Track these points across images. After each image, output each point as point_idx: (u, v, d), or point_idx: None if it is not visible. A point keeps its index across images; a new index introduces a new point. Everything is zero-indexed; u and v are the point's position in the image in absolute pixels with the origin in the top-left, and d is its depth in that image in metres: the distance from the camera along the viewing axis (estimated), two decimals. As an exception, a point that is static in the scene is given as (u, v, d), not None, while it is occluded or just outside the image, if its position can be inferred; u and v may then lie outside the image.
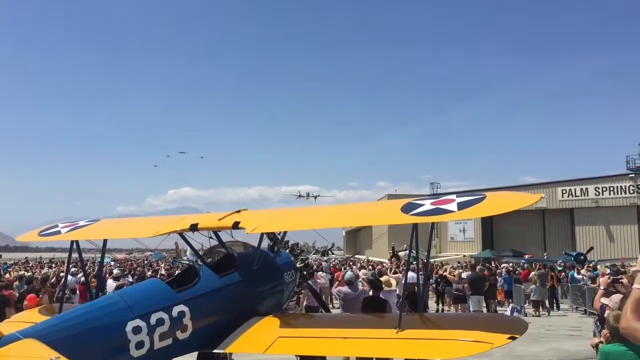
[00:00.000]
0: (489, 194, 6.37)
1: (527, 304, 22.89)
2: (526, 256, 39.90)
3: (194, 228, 7.70)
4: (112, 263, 34.41)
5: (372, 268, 24.09)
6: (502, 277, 23.95)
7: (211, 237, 8.41)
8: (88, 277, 12.63)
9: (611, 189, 49.28)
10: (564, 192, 51.31)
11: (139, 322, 6.07)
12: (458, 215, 6.27)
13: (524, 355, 13.03)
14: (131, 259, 53.77)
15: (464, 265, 29.04)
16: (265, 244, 8.66)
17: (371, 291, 10.41)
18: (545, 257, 42.21)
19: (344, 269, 24.48)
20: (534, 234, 54.60)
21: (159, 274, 21.52)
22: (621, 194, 48.81)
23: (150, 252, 65.50)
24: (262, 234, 7.87)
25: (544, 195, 42.71)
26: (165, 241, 9.34)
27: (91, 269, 25.52)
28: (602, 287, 8.33)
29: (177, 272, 13.60)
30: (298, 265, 9.39)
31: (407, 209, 6.41)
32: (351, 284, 11.20)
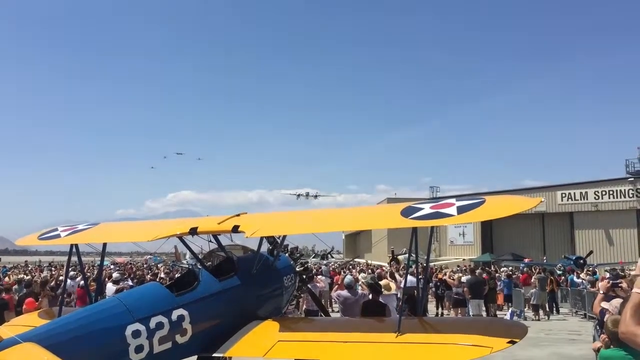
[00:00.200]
0: (488, 197, 6.36)
1: (527, 308, 22.89)
2: (526, 260, 39.91)
3: (193, 232, 7.69)
4: (112, 267, 34.37)
5: (372, 272, 24.08)
6: (502, 281, 23.96)
7: (210, 241, 8.40)
8: (87, 281, 12.61)
9: (611, 192, 49.31)
10: (563, 195, 51.34)
11: (138, 326, 6.06)
12: (458, 219, 6.24)
13: (523, 359, 13.03)
14: (131, 262, 53.73)
15: (464, 269, 29.05)
16: (265, 247, 8.66)
17: (370, 295, 10.41)
18: (545, 260, 42.22)
19: (343, 272, 24.47)
20: (534, 237, 54.61)
21: (158, 277, 21.54)
22: (621, 197, 48.85)
23: (150, 256, 65.53)
24: (261, 237, 7.86)
25: (543, 199, 42.35)
26: (165, 245, 9.32)
27: (90, 273, 25.53)
28: (601, 292, 8.34)
29: (176, 276, 13.57)
30: (297, 269, 9.38)
31: (407, 212, 6.41)
32: (351, 288, 11.19)
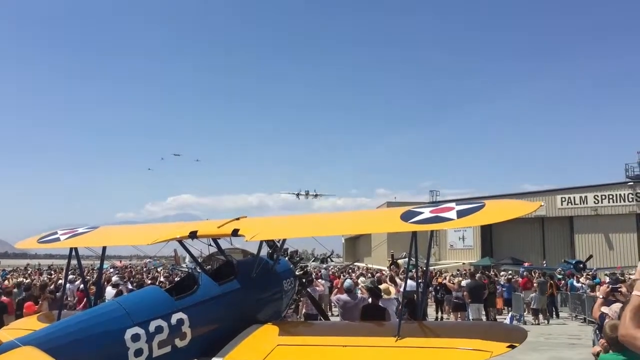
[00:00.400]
0: (488, 202, 6.37)
1: (527, 312, 22.87)
2: (525, 264, 39.86)
3: (193, 235, 7.70)
4: (112, 270, 34.31)
5: (372, 276, 24.06)
6: (502, 285, 23.95)
7: (210, 245, 8.40)
8: (87, 284, 12.61)
9: (610, 197, 49.30)
10: (563, 200, 51.34)
11: (137, 330, 6.06)
12: (457, 224, 6.26)
13: (523, 363, 13.01)
14: (130, 266, 53.66)
15: (463, 273, 29.02)
16: (265, 251, 8.66)
17: (370, 299, 10.40)
18: (545, 265, 42.19)
19: (342, 276, 24.46)
20: (533, 241, 54.56)
21: (157, 281, 21.51)
22: (620, 202, 48.84)
23: (149, 259, 65.48)
24: (261, 241, 7.87)
25: (543, 204, 42.72)
26: (165, 248, 9.33)
27: (90, 276, 25.51)
28: (601, 296, 8.33)
29: (176, 280, 13.56)
30: (297, 273, 9.38)
31: (407, 216, 6.41)
32: (350, 291, 11.18)
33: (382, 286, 12.06)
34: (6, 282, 22.91)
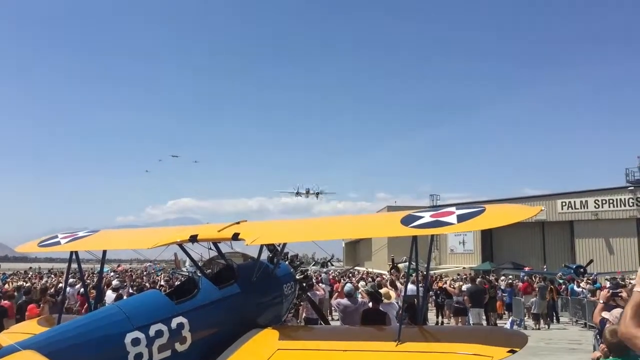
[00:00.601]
0: (488, 206, 6.36)
1: (527, 316, 22.85)
2: (526, 268, 39.88)
3: (193, 239, 7.69)
4: (112, 274, 34.31)
5: (372, 280, 24.05)
6: (503, 290, 23.93)
7: (210, 249, 8.39)
8: (87, 288, 12.59)
9: (611, 201, 49.34)
10: (563, 204, 51.36)
11: (137, 334, 6.04)
12: (458, 228, 6.23)
13: (523, 368, 13.00)
14: (130, 269, 53.66)
15: (464, 277, 29.01)
16: (265, 255, 8.65)
17: (371, 303, 10.39)
18: (545, 269, 42.19)
19: (343, 280, 24.44)
20: (534, 246, 54.58)
21: (158, 284, 21.50)
22: (621, 206, 48.87)
23: (149, 263, 65.45)
24: (261, 245, 7.86)
25: (543, 208, 42.72)
26: (165, 252, 9.32)
27: (90, 280, 25.51)
28: (601, 301, 8.32)
29: (176, 284, 13.54)
30: (297, 277, 9.37)
31: (407, 221, 6.40)
32: (351, 296, 11.17)
33: (383, 290, 12.04)
34: (6, 285, 22.90)
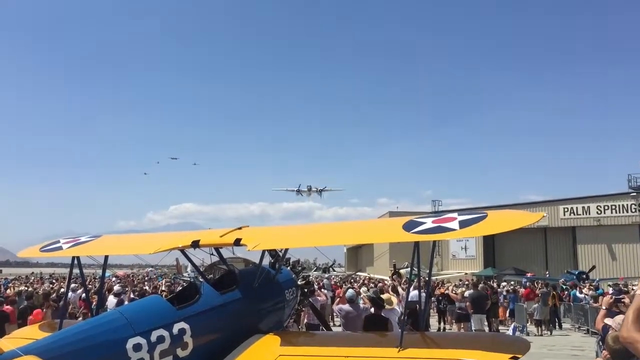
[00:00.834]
0: (490, 212, 6.34)
1: (530, 322, 22.78)
2: (528, 274, 39.79)
3: (195, 245, 7.69)
4: (114, 279, 34.29)
5: (374, 286, 23.99)
6: (504, 295, 23.87)
7: (212, 254, 8.39)
8: (89, 293, 12.58)
9: (613, 207, 49.25)
10: (565, 210, 51.27)
11: (139, 340, 6.03)
12: (460, 234, 6.21)
13: (526, 375, 12.93)
14: (132, 274, 53.64)
15: (466, 283, 28.95)
16: (267, 261, 8.64)
17: (373, 309, 10.37)
18: (547, 275, 42.10)
19: (345, 286, 24.40)
20: (536, 252, 54.47)
21: (159, 290, 21.46)
22: (623, 212, 48.78)
23: (151, 268, 65.41)
24: (263, 251, 7.85)
25: (545, 214, 42.53)
26: (166, 257, 9.32)
27: (92, 285, 25.49)
28: (604, 307, 8.29)
29: (177, 289, 13.52)
30: (299, 283, 9.35)
31: (409, 227, 6.39)
32: (352, 301, 11.14)
33: (385, 296, 12.02)
34: (8, 290, 22.88)
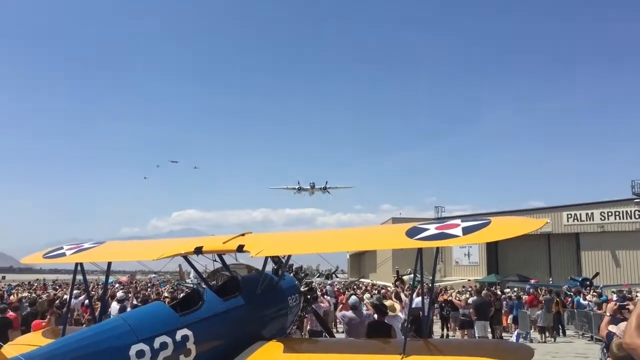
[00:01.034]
0: (494, 218, 6.33)
1: (533, 329, 22.69)
2: (532, 281, 39.66)
3: (198, 251, 7.69)
4: (117, 285, 34.30)
5: (378, 292, 23.93)
6: (511, 301, 23.79)
7: (215, 260, 8.39)
8: (92, 300, 12.58)
9: (617, 213, 49.10)
10: (569, 216, 51.14)
11: (142, 346, 6.03)
12: (463, 240, 6.20)
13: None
14: (135, 281, 53.66)
15: (469, 289, 28.88)
16: (270, 267, 8.64)
17: (376, 315, 10.34)
18: (551, 282, 41.95)
19: (347, 292, 24.34)
20: (540, 258, 54.30)
21: (162, 296, 21.47)
22: (627, 219, 48.63)
23: (154, 275, 65.45)
24: (266, 257, 7.85)
25: (549, 221, 42.60)
26: (169, 264, 9.32)
27: (95, 292, 25.48)
28: (608, 314, 8.26)
29: (180, 295, 13.50)
30: (302, 289, 9.34)
31: (412, 233, 6.38)
32: (355, 308, 11.12)
33: (388, 303, 11.99)
34: (11, 297, 22.91)
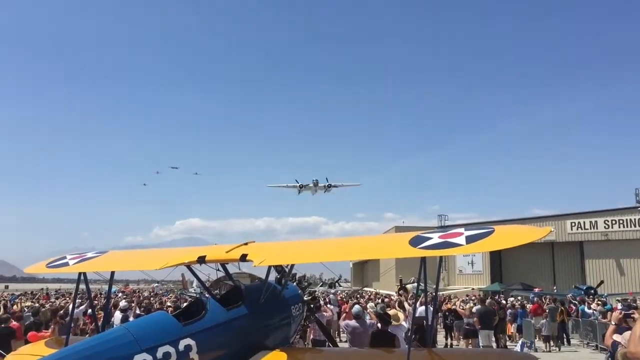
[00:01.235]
0: (497, 227, 6.31)
1: (537, 338, 22.57)
2: (536, 289, 39.52)
3: (201, 260, 7.69)
4: (120, 294, 34.29)
5: (381, 301, 23.85)
6: (515, 310, 23.69)
7: (218, 270, 8.39)
8: (95, 309, 12.57)
9: (620, 222, 48.98)
10: (573, 224, 51.03)
11: (145, 356, 6.02)
12: (466, 249, 6.18)
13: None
14: (138, 290, 53.63)
15: (472, 298, 28.77)
16: (273, 276, 8.63)
17: (379, 325, 10.31)
18: (555, 290, 41.81)
19: (351, 301, 24.27)
20: (543, 267, 54.16)
21: (165, 305, 21.44)
22: (631, 227, 48.50)
23: (157, 284, 65.47)
24: (269, 266, 7.84)
25: (553, 229, 42.45)
26: (172, 273, 9.33)
27: (98, 301, 25.46)
28: (613, 323, 8.22)
29: (183, 305, 13.49)
30: (305, 298, 9.33)
31: (415, 242, 6.37)
32: (359, 317, 11.09)
33: (391, 312, 11.97)
34: (15, 306, 22.88)
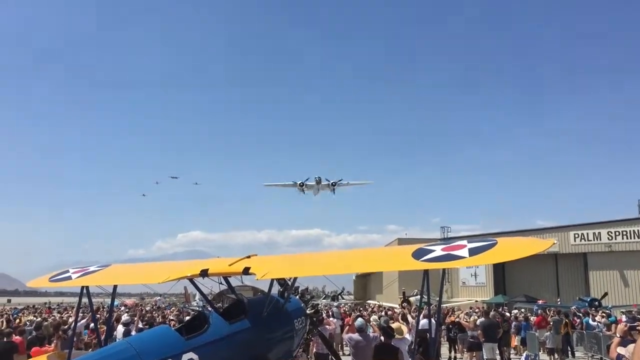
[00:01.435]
0: (500, 239, 6.32)
1: (542, 351, 22.44)
2: (539, 301, 39.31)
3: (204, 274, 7.70)
4: (122, 308, 34.23)
5: (385, 314, 23.73)
6: (519, 323, 23.58)
7: (221, 283, 8.39)
8: (97, 323, 12.55)
9: (624, 233, 48.76)
10: (576, 236, 50.82)
11: (148, 370, 6.02)
12: (469, 262, 6.20)
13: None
14: (140, 304, 53.53)
15: (476, 311, 28.66)
16: (276, 289, 8.62)
17: (382, 338, 10.27)
18: (559, 302, 41.58)
19: (354, 313, 24.18)
20: (547, 278, 53.88)
21: (167, 319, 21.39)
22: (635, 238, 48.27)
23: (159, 297, 65.33)
24: (272, 279, 7.84)
25: (556, 242, 42.28)
26: (175, 286, 9.32)
27: (100, 315, 25.43)
28: (618, 335, 8.17)
29: (186, 318, 13.46)
30: (308, 312, 9.31)
31: (418, 254, 6.38)
32: (362, 330, 11.04)
33: (395, 325, 11.90)
34: (17, 320, 22.85)
